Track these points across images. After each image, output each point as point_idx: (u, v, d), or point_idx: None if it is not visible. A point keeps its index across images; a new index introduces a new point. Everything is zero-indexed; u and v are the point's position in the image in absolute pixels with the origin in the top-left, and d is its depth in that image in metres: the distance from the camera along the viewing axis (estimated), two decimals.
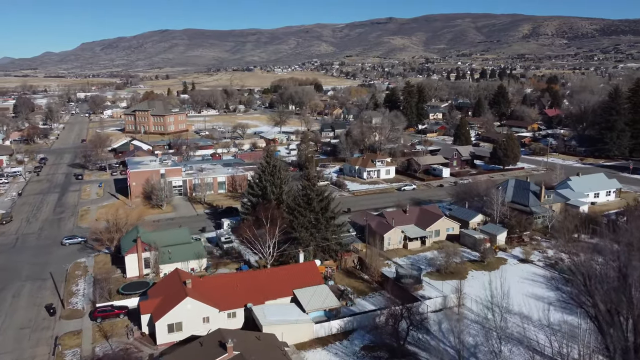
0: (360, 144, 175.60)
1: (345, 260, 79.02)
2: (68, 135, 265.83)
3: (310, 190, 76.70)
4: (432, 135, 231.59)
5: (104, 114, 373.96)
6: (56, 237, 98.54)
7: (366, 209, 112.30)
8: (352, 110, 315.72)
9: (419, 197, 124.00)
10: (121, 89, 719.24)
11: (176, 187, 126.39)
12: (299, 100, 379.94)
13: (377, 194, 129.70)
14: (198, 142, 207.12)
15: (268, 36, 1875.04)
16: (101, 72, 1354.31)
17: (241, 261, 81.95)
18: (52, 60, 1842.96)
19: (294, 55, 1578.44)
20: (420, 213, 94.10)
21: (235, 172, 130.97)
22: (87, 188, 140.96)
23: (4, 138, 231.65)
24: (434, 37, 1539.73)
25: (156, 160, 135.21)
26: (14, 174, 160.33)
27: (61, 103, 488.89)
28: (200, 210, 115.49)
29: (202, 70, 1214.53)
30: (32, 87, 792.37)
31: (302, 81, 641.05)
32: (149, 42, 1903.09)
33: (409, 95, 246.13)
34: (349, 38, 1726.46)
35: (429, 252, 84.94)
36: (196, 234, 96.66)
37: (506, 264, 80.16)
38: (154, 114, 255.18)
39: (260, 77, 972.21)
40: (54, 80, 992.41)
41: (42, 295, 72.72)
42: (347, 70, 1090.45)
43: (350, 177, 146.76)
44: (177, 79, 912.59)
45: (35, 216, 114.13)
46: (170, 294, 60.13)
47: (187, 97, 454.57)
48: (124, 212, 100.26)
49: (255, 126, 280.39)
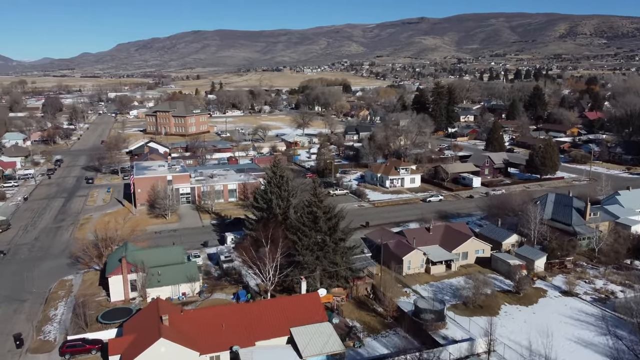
0: (385, 148, 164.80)
1: (357, 288, 68.91)
2: (90, 136, 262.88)
3: (316, 207, 66.85)
4: (463, 139, 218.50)
5: (130, 114, 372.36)
6: (49, 249, 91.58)
7: (386, 222, 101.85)
8: (379, 111, 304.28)
9: (445, 209, 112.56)
10: (152, 89, 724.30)
11: (184, 195, 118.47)
12: (325, 101, 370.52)
13: (399, 205, 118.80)
14: (216, 145, 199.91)
15: (298, 36, 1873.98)
16: (135, 72, 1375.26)
17: (240, 285, 72.75)
18: (89, 60, 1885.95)
19: (324, 55, 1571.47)
20: (445, 232, 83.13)
21: (247, 179, 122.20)
22: (94, 193, 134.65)
23: (25, 139, 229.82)
24: (467, 37, 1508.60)
25: (165, 165, 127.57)
26: (26, 177, 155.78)
27: (90, 103, 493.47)
28: (207, 221, 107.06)
29: (232, 71, 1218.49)
30: (67, 86, 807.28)
31: (330, 82, 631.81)
32: (181, 43, 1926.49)
33: (438, 97, 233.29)
34: (380, 38, 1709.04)
35: (455, 279, 73.95)
36: (197, 249, 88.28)
37: (546, 297, 68.47)
38: (175, 115, 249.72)
39: (289, 77, 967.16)
40: (90, 80, 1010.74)
41: (16, 320, 65.08)
42: (377, 70, 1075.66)
43: (371, 185, 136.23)
44: (208, 79, 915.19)
45: (34, 224, 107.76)
46: (145, 331, 51.29)
47: (213, 97, 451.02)
48: (121, 223, 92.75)
49: (278, 128, 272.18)
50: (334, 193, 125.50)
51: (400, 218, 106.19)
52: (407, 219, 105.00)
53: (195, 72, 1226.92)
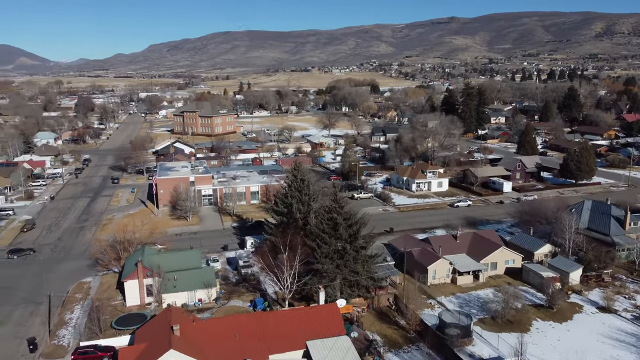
0: (412, 151, 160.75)
1: (379, 299, 65.88)
2: (119, 135, 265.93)
3: (337, 214, 64.07)
4: (493, 141, 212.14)
5: (159, 114, 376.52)
6: (70, 250, 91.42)
7: (411, 229, 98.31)
8: (407, 112, 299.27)
9: (474, 215, 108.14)
10: (182, 89, 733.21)
11: (206, 196, 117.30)
12: (352, 101, 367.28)
13: (426, 210, 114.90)
14: (241, 145, 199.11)
15: (327, 37, 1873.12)
16: (166, 72, 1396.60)
17: (258, 292, 70.58)
18: (122, 61, 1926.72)
19: (352, 55, 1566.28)
20: (473, 240, 79.22)
21: (270, 180, 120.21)
22: (119, 193, 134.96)
23: (57, 138, 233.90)
24: (498, 37, 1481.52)
25: (188, 166, 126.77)
26: (54, 176, 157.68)
27: (121, 103, 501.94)
28: (228, 223, 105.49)
29: (261, 71, 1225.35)
30: (100, 86, 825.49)
31: (358, 82, 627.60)
32: (212, 44, 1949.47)
33: (468, 97, 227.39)
34: (409, 38, 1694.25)
35: (483, 291, 70.09)
36: (216, 253, 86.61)
37: (581, 313, 64.07)
38: (202, 115, 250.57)
39: (317, 77, 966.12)
40: (122, 80, 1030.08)
41: (31, 324, 64.43)
42: (406, 71, 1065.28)
43: (397, 188, 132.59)
44: (237, 79, 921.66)
45: (58, 224, 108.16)
46: (155, 341, 49.46)
47: (241, 97, 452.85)
48: (142, 224, 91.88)
49: (304, 128, 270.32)
50: (358, 196, 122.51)
51: (426, 224, 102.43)
52: (433, 225, 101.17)
53: (224, 73, 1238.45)
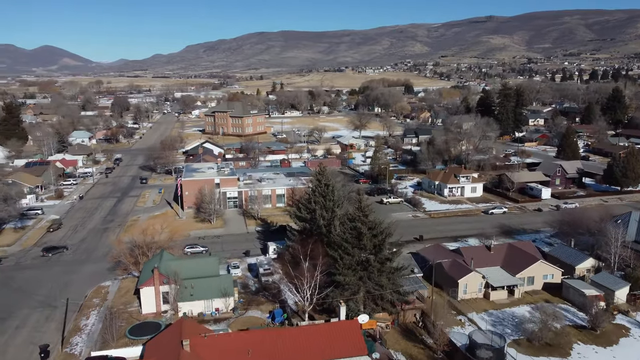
0: (445, 153, 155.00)
1: (404, 314, 61.77)
2: (151, 135, 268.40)
3: (361, 223, 60.27)
4: (531, 144, 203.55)
5: (192, 114, 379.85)
6: (93, 252, 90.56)
7: (442, 237, 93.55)
8: (440, 113, 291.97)
9: (509, 223, 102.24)
10: (217, 89, 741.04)
11: (231, 199, 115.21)
12: (384, 102, 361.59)
13: (458, 216, 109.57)
14: (270, 146, 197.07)
15: (361, 37, 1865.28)
16: (202, 72, 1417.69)
17: (277, 302, 67.46)
18: (160, 61, 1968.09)
19: (387, 55, 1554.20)
20: (508, 251, 74.03)
21: (296, 183, 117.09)
22: (146, 194, 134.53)
23: (91, 137, 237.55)
24: (538, 36, 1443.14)
25: (214, 168, 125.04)
26: (85, 175, 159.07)
27: (156, 102, 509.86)
28: (252, 227, 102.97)
29: (295, 71, 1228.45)
30: (137, 86, 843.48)
31: (392, 82, 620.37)
32: (247, 44, 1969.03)
33: (505, 98, 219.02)
34: (445, 38, 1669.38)
35: (518, 308, 65.03)
36: (238, 259, 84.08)
37: (629, 337, 58.38)
38: (233, 115, 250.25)
39: (350, 77, 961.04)
40: (159, 80, 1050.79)
41: (46, 329, 63.13)
42: (441, 71, 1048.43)
43: (428, 193, 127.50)
44: (270, 79, 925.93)
45: (84, 224, 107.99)
46: (164, 355, 46.88)
47: (273, 97, 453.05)
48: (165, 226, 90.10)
49: (334, 129, 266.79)
50: (387, 201, 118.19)
51: (458, 232, 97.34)
52: (466, 234, 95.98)
53: (259, 73, 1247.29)
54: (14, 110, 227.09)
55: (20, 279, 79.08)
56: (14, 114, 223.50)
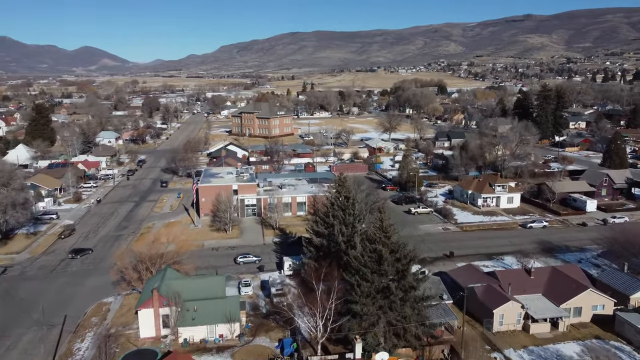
0: (479, 159, 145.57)
1: (430, 350, 54.16)
2: (179, 135, 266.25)
3: (382, 245, 52.96)
4: (572, 150, 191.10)
5: (221, 114, 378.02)
6: (100, 262, 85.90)
7: (475, 254, 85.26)
8: (475, 115, 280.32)
9: (550, 239, 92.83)
10: (249, 89, 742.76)
11: (249, 206, 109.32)
12: (416, 103, 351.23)
13: (493, 230, 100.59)
14: (296, 149, 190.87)
15: (395, 37, 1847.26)
16: (235, 72, 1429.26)
17: (288, 328, 60.79)
18: (195, 62, 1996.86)
19: (420, 55, 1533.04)
20: (552, 276, 65.34)
21: (319, 190, 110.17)
22: (164, 198, 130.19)
23: (118, 137, 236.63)
24: (578, 35, 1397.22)
25: (233, 172, 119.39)
26: (107, 177, 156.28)
27: (187, 102, 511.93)
28: (269, 238, 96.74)
29: (327, 71, 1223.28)
30: (171, 86, 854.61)
31: (425, 82, 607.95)
32: (279, 45, 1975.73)
33: (544, 100, 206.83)
34: (480, 37, 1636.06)
35: (564, 345, 56.52)
36: (251, 274, 77.92)
37: None
38: (259, 117, 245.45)
39: (382, 78, 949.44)
40: (193, 80, 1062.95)
41: (38, 352, 58.16)
42: (475, 71, 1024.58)
43: (461, 202, 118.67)
44: (302, 79, 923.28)
45: (97, 231, 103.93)
46: None
47: (303, 98, 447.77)
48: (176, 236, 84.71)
49: (363, 131, 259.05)
50: (416, 211, 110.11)
51: (492, 248, 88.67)
52: (502, 250, 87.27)
53: (291, 73, 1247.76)
54: (43, 111, 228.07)
55: (23, 290, 74.91)
56: (43, 114, 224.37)
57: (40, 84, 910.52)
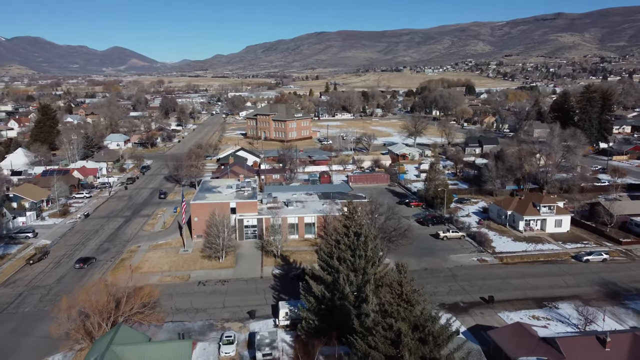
0: (517, 171, 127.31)
1: None
2: (192, 138, 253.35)
3: (400, 320, 36.48)
4: (620, 158, 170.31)
5: (240, 116, 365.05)
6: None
7: (521, 299, 67.97)
8: (508, 118, 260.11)
9: (615, 279, 74.64)
10: (273, 89, 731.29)
11: (249, 227, 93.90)
12: (444, 104, 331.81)
13: (540, 263, 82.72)
14: (312, 155, 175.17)
15: (421, 36, 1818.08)
16: (260, 72, 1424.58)
17: None
18: (221, 62, 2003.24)
19: (447, 55, 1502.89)
20: (634, 348, 47.89)
21: (331, 209, 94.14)
22: (159, 213, 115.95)
23: (127, 140, 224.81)
24: (612, 34, 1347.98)
25: (233, 187, 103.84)
26: (104, 186, 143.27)
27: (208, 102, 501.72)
28: (269, 268, 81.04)
29: (352, 71, 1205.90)
30: (195, 86, 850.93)
31: (452, 82, 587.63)
32: (305, 44, 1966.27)
33: (588, 103, 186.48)
34: (509, 36, 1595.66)
35: None
36: (239, 323, 62.41)
37: None
38: (276, 119, 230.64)
39: (408, 78, 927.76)
40: (218, 80, 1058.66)
41: None
42: (505, 70, 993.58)
43: (498, 224, 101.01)
44: (326, 79, 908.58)
45: (72, 255, 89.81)
46: None
47: (325, 98, 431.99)
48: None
49: (386, 135, 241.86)
50: (445, 235, 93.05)
51: (542, 290, 71.07)
52: (555, 294, 69.65)
53: (315, 73, 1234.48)
54: (49, 112, 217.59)
55: None
56: (49, 116, 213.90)
57: (69, 83, 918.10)
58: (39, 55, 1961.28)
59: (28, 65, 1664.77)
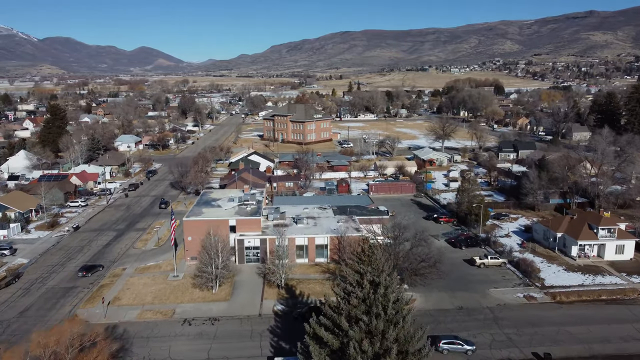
0: (561, 182, 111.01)
1: None
2: (207, 139, 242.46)
3: None
4: None
5: (259, 116, 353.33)
6: (20, 340, 59.08)
7: (585, 357, 52.81)
8: (543, 120, 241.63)
9: None
10: (296, 88, 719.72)
11: (250, 249, 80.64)
12: (472, 105, 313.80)
13: (603, 302, 67.15)
14: (330, 160, 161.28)
15: (447, 35, 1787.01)
16: (284, 72, 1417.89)
17: None
18: (245, 61, 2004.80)
19: (474, 54, 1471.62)
20: None
21: (347, 228, 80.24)
22: (156, 227, 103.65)
23: (138, 142, 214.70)
24: None
25: (235, 200, 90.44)
26: (104, 193, 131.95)
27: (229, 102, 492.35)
28: (270, 302, 67.43)
29: (376, 71, 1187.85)
30: (218, 85, 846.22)
31: (480, 82, 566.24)
32: (329, 44, 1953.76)
33: (638, 104, 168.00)
34: (538, 35, 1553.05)
35: None
36: None
37: None
38: (294, 120, 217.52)
39: (434, 77, 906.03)
40: (242, 79, 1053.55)
41: None
42: (534, 70, 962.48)
43: (544, 247, 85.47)
44: (350, 79, 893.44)
45: (47, 278, 77.94)
46: None
47: (347, 98, 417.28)
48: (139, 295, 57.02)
49: (412, 137, 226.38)
50: (482, 262, 78.11)
51: (613, 343, 55.74)
52: (629, 351, 54.38)
53: (339, 72, 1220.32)
54: (58, 112, 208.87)
55: None
56: (58, 116, 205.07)
57: (97, 83, 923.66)
58: (69, 56, 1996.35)
59: (59, 65, 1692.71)
